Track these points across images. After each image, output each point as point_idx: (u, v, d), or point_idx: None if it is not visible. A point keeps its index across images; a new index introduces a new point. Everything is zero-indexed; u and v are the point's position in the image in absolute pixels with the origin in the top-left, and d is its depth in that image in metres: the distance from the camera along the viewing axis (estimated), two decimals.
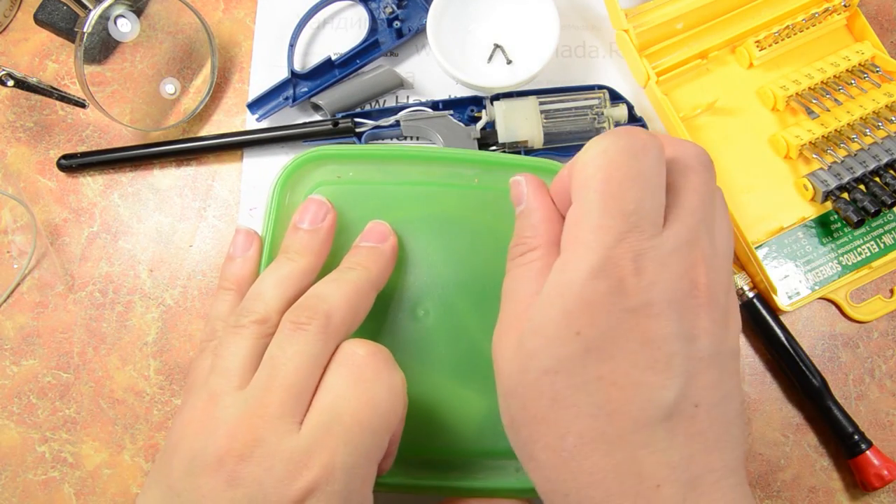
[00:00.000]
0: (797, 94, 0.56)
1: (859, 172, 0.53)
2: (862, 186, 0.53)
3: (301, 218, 0.42)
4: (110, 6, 0.53)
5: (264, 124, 0.58)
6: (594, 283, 0.30)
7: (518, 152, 0.55)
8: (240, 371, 0.35)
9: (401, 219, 0.44)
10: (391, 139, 0.58)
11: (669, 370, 0.30)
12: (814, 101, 0.55)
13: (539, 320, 0.31)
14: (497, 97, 0.55)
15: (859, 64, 0.56)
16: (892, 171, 0.53)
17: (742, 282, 0.53)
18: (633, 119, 0.55)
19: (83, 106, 0.55)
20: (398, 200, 0.45)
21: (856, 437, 0.50)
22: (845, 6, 0.57)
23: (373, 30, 0.58)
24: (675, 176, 0.33)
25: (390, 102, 0.58)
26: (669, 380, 0.30)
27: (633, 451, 0.30)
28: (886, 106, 0.54)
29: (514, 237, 0.37)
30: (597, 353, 0.30)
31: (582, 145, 0.54)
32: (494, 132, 0.54)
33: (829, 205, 0.55)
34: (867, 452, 0.50)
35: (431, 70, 0.59)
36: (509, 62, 0.58)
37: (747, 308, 0.53)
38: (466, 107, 0.57)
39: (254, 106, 0.57)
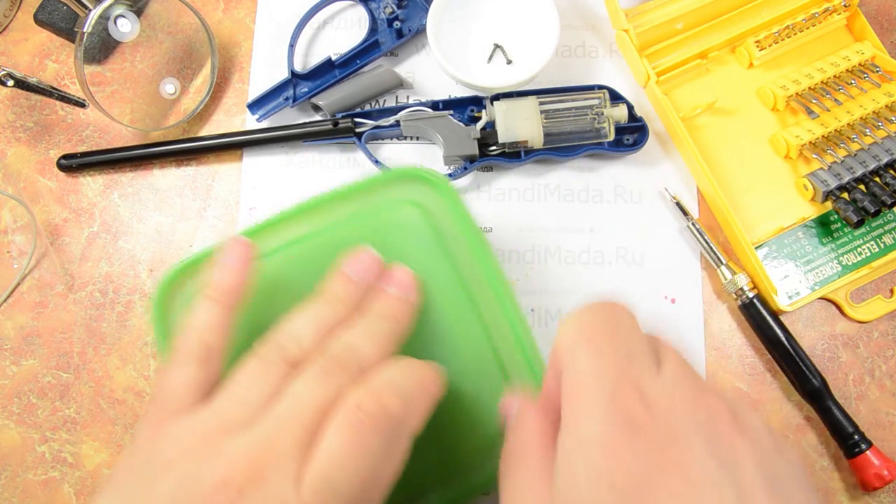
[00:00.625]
0: (797, 94, 0.56)
1: (859, 172, 0.53)
2: (862, 186, 0.53)
3: (352, 268, 0.41)
4: (110, 6, 0.53)
5: (264, 124, 0.58)
6: (609, 426, 0.28)
7: (518, 152, 0.55)
8: (257, 405, 0.34)
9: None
10: (391, 139, 0.58)
11: (722, 501, 0.27)
12: (814, 101, 0.55)
13: (567, 491, 0.28)
14: (497, 97, 0.55)
15: (859, 64, 0.56)
16: (892, 171, 0.53)
17: (742, 282, 0.53)
18: (633, 119, 0.55)
19: (83, 106, 0.55)
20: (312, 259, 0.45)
21: (856, 437, 0.50)
22: (845, 6, 0.57)
23: (373, 30, 0.58)
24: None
25: (390, 102, 0.58)
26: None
27: None
28: (886, 106, 0.54)
29: (505, 449, 0.34)
30: (638, 500, 0.27)
31: (582, 145, 0.55)
32: (494, 132, 0.54)
33: (829, 205, 0.55)
34: (867, 452, 0.50)
35: (431, 70, 0.59)
36: (509, 62, 0.58)
37: (747, 308, 0.53)
38: (466, 107, 0.57)
39: (254, 106, 0.57)
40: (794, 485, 0.29)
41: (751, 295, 0.53)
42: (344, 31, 0.60)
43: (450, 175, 0.55)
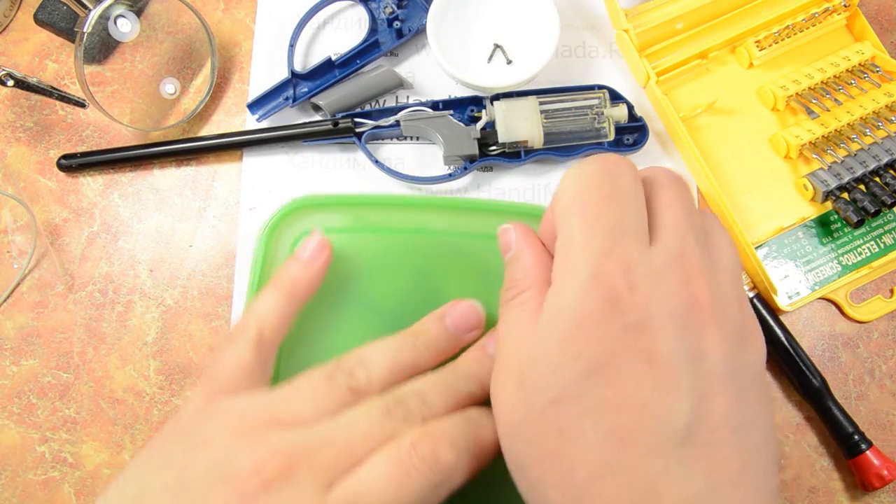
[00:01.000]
0: (797, 94, 0.56)
1: (859, 172, 0.53)
2: (862, 186, 0.53)
3: (453, 319, 0.39)
4: (110, 6, 0.53)
5: (264, 124, 0.58)
6: (587, 300, 0.29)
7: (518, 152, 0.55)
8: (313, 416, 0.33)
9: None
10: (391, 139, 0.58)
11: (677, 389, 0.28)
12: (814, 101, 0.55)
13: (538, 350, 0.30)
14: (497, 97, 0.55)
15: (859, 64, 0.56)
16: (892, 171, 0.53)
17: (742, 282, 0.53)
18: (633, 119, 0.55)
19: (83, 106, 0.55)
20: (411, 250, 0.45)
21: (856, 437, 0.50)
22: (845, 6, 0.57)
23: (373, 30, 0.58)
24: (649, 195, 0.33)
25: (390, 102, 0.58)
26: (678, 400, 0.28)
27: (651, 481, 0.27)
28: (886, 106, 0.54)
29: (505, 282, 0.35)
30: (599, 375, 0.28)
31: (581, 145, 0.55)
32: (494, 132, 0.54)
33: (829, 205, 0.55)
34: (867, 452, 0.50)
35: (431, 70, 0.59)
36: (509, 62, 0.58)
37: None
38: (466, 107, 0.57)
39: (254, 106, 0.57)
40: (752, 381, 0.30)
41: (751, 295, 0.53)
42: (344, 31, 0.60)
43: (450, 175, 0.55)
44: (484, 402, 0.36)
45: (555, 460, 0.29)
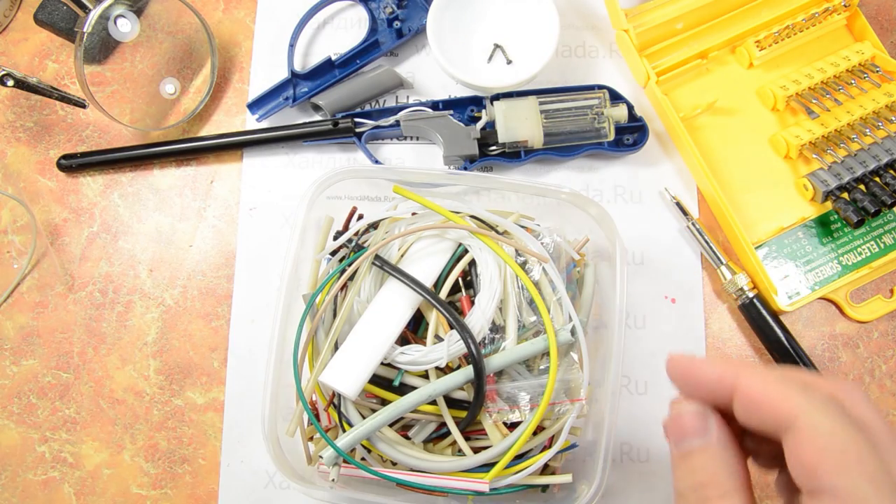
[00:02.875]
0: (797, 94, 0.56)
1: (859, 172, 0.53)
2: (862, 186, 0.53)
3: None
4: (110, 6, 0.53)
5: (264, 124, 0.58)
6: None
7: (518, 152, 0.55)
8: None
9: None
10: (391, 139, 0.58)
11: None
12: (814, 101, 0.56)
13: None
14: (497, 97, 0.55)
15: (859, 64, 0.56)
16: (892, 171, 0.53)
17: (742, 282, 0.53)
18: (633, 119, 0.55)
19: (83, 106, 0.55)
20: None
21: None
22: (845, 6, 0.57)
23: (373, 30, 0.58)
24: None
25: (390, 102, 0.58)
26: None
27: None
28: (886, 106, 0.55)
29: (681, 483, 0.29)
30: None
31: (581, 145, 0.55)
32: (494, 132, 0.54)
33: (829, 205, 0.55)
34: None
35: (431, 70, 0.59)
36: (509, 62, 0.58)
37: (747, 308, 0.53)
38: (466, 107, 0.57)
39: (254, 106, 0.57)
40: None
41: (751, 295, 0.53)
42: (344, 31, 0.60)
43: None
44: None
45: None
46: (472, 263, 0.47)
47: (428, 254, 0.47)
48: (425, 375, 0.46)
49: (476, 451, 0.45)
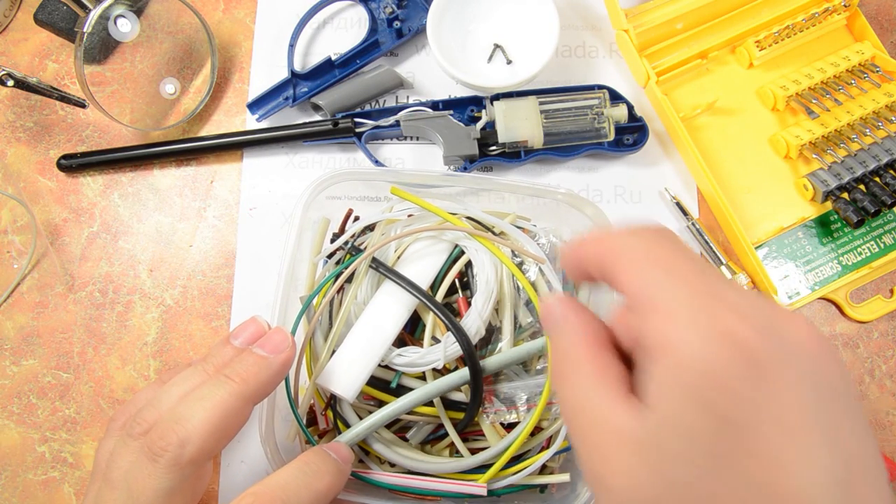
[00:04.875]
0: (797, 94, 0.56)
1: (859, 172, 0.53)
2: (862, 186, 0.53)
3: (236, 334, 0.42)
4: (110, 6, 0.53)
5: (264, 124, 0.58)
6: (712, 348, 0.26)
7: (518, 152, 0.55)
8: (122, 484, 0.38)
9: None
10: (391, 139, 0.58)
11: (816, 434, 0.26)
12: (814, 101, 0.55)
13: (660, 415, 0.27)
14: (497, 97, 0.55)
15: (859, 64, 0.56)
16: (892, 171, 0.53)
17: (742, 282, 0.53)
18: (633, 119, 0.55)
19: (83, 106, 0.55)
20: None
21: None
22: (845, 6, 0.57)
23: (373, 30, 0.58)
24: None
25: (390, 102, 0.58)
26: (826, 442, 0.26)
27: None
28: (886, 106, 0.54)
29: (555, 355, 0.32)
30: (747, 429, 0.26)
31: (582, 145, 0.55)
32: (494, 132, 0.54)
33: (829, 205, 0.55)
34: None
35: (431, 70, 0.59)
36: (509, 62, 0.58)
37: None
38: (466, 107, 0.57)
39: (254, 106, 0.57)
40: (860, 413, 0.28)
41: None
42: (344, 31, 0.60)
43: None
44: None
45: None
46: (469, 265, 0.47)
47: (424, 255, 0.47)
48: (423, 377, 0.46)
49: (473, 452, 0.45)
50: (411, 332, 0.47)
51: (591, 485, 0.29)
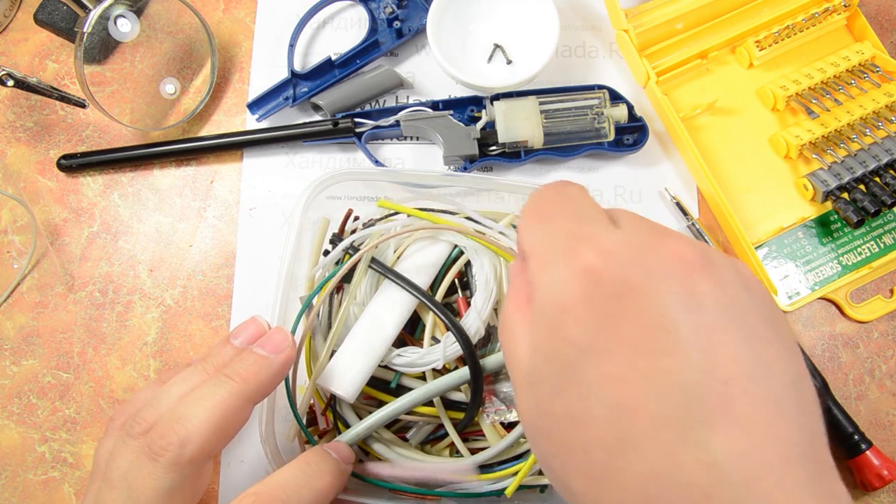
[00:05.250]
0: (797, 94, 0.56)
1: (859, 172, 0.53)
2: (862, 186, 0.53)
3: (235, 334, 0.43)
4: (110, 6, 0.53)
5: (264, 124, 0.58)
6: (566, 284, 0.28)
7: (518, 152, 0.55)
8: (122, 483, 0.38)
9: None
10: (391, 139, 0.58)
11: (676, 347, 0.26)
12: (814, 101, 0.55)
13: (533, 346, 0.29)
14: (497, 97, 0.55)
15: (859, 64, 0.56)
16: (892, 171, 0.53)
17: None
18: (633, 119, 0.55)
19: (83, 106, 0.55)
20: None
21: (856, 437, 0.50)
22: (845, 6, 0.57)
23: (373, 30, 0.58)
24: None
25: (390, 102, 0.58)
26: (681, 356, 0.26)
27: (670, 452, 0.25)
28: (886, 106, 0.54)
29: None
30: (592, 352, 0.27)
31: (582, 145, 0.55)
32: (494, 132, 0.54)
33: (829, 205, 0.55)
34: (867, 452, 0.50)
35: (431, 70, 0.59)
36: (509, 62, 0.58)
37: None
38: (466, 107, 0.57)
39: (254, 106, 0.57)
40: (761, 322, 0.28)
41: None
42: (344, 31, 0.60)
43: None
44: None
45: (571, 448, 0.28)
46: (468, 265, 0.47)
47: (424, 256, 0.47)
48: (423, 377, 0.46)
49: (473, 451, 0.45)
50: (411, 333, 0.47)
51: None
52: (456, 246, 0.47)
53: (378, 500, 0.44)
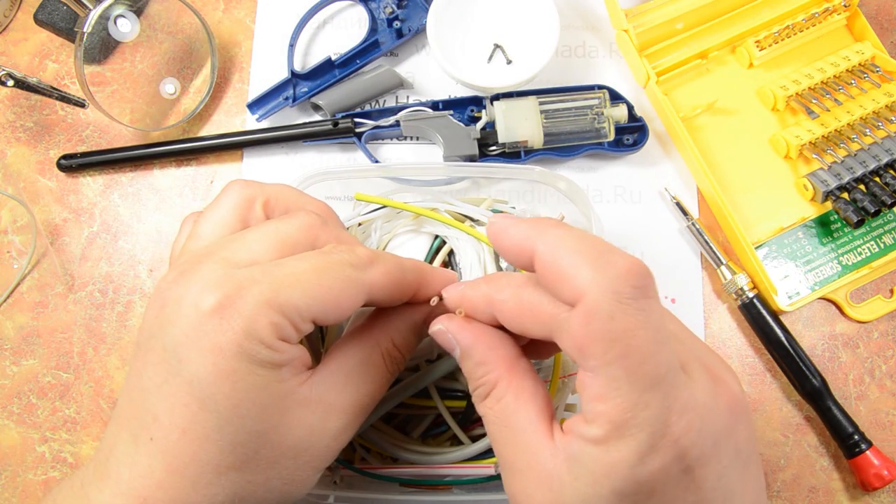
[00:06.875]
0: (797, 94, 0.56)
1: (859, 172, 0.53)
2: (862, 186, 0.53)
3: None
4: (110, 6, 0.53)
5: (264, 124, 0.58)
6: (648, 460, 0.26)
7: (518, 152, 0.55)
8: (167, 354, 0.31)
9: None
10: (391, 139, 0.58)
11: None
12: (814, 101, 0.55)
13: (580, 492, 0.27)
14: (497, 97, 0.55)
15: (859, 64, 0.56)
16: (892, 171, 0.53)
17: (742, 282, 0.53)
18: (633, 119, 0.55)
19: (83, 106, 0.55)
20: None
21: (856, 437, 0.50)
22: (845, 6, 0.57)
23: (373, 30, 0.58)
24: None
25: (390, 102, 0.58)
26: None
27: None
28: (886, 106, 0.54)
29: (470, 382, 0.32)
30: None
31: (582, 145, 0.55)
32: (494, 132, 0.54)
33: (829, 205, 0.55)
34: (867, 452, 0.50)
35: (431, 70, 0.59)
36: (509, 62, 0.58)
37: (747, 308, 0.53)
38: (466, 107, 0.57)
39: (254, 106, 0.57)
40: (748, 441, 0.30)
41: (751, 295, 0.53)
42: (344, 31, 0.60)
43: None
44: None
45: None
46: (451, 253, 0.47)
47: (407, 249, 0.48)
48: (416, 369, 0.46)
49: (475, 440, 0.45)
50: None
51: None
52: (437, 237, 0.48)
53: (389, 494, 0.44)
